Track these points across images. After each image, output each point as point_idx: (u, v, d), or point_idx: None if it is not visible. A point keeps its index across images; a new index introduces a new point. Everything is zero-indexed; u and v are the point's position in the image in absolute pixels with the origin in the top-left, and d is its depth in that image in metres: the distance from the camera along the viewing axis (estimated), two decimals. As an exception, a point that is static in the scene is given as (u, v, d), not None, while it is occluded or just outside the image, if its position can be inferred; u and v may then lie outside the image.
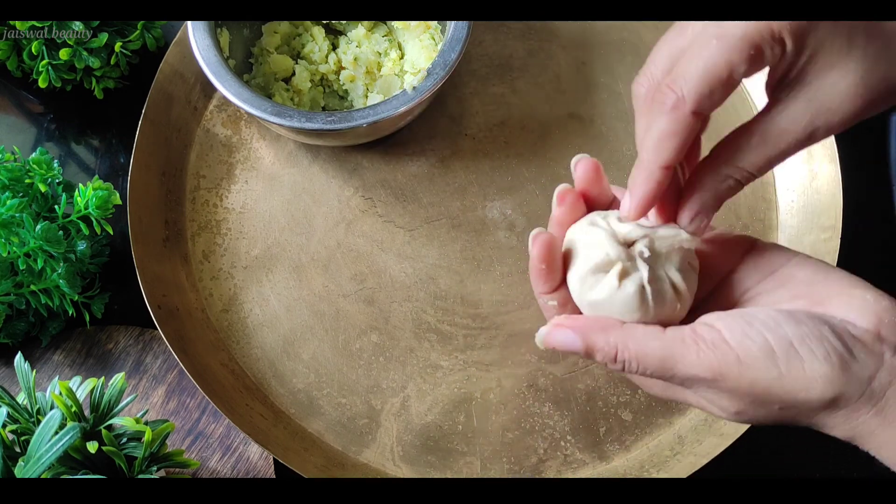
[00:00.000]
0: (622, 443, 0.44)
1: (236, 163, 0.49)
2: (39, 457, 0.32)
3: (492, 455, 0.43)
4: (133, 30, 0.49)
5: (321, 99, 0.50)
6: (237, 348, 0.46)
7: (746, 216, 0.48)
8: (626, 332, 0.27)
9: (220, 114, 0.50)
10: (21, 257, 0.41)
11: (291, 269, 0.47)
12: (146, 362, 0.45)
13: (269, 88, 0.49)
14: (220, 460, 0.43)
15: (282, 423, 0.44)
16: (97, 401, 0.36)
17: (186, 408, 0.44)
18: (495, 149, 0.49)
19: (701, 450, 0.42)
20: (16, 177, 0.42)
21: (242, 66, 0.49)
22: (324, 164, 0.49)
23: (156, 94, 0.48)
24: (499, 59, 0.51)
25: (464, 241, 0.47)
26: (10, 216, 0.41)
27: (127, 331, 0.46)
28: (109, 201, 0.42)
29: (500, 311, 0.46)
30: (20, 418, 0.35)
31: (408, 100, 0.43)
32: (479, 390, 0.44)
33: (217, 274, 0.47)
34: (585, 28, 0.52)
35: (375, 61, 0.48)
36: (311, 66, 0.49)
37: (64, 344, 0.45)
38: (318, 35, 0.49)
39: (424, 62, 0.47)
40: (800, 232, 0.47)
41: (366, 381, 0.45)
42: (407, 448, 0.44)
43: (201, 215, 0.48)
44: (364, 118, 0.42)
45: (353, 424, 0.44)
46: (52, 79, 0.47)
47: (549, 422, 0.44)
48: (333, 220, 0.48)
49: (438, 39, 0.48)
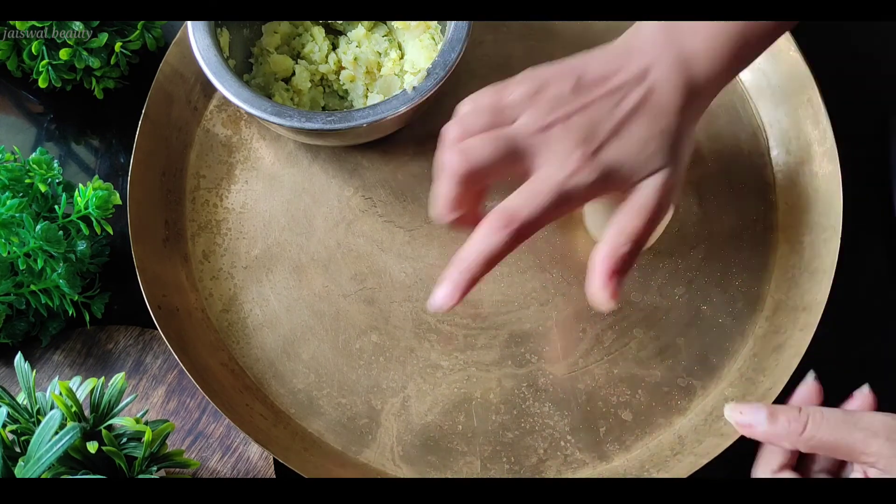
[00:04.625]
0: (622, 443, 0.44)
1: (236, 163, 0.49)
2: (39, 457, 0.32)
3: (492, 455, 0.43)
4: (133, 30, 0.49)
5: (321, 99, 0.50)
6: (237, 348, 0.46)
7: (747, 216, 0.48)
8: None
9: (221, 114, 0.50)
10: (21, 257, 0.41)
11: (291, 269, 0.47)
12: (146, 362, 0.45)
13: (269, 88, 0.49)
14: (220, 460, 0.43)
15: (282, 423, 0.44)
16: (97, 401, 0.36)
17: (186, 408, 0.44)
18: (495, 149, 0.49)
19: (701, 450, 0.42)
20: (16, 177, 0.42)
21: (242, 66, 0.49)
22: (324, 164, 0.49)
23: (156, 94, 0.48)
24: (499, 60, 0.51)
25: (464, 241, 0.47)
26: (10, 216, 0.41)
27: (127, 331, 0.46)
28: (109, 201, 0.42)
29: (500, 311, 0.46)
30: (20, 418, 0.35)
31: (408, 100, 0.43)
32: (479, 390, 0.44)
33: (217, 274, 0.47)
34: (586, 28, 0.52)
35: (375, 61, 0.48)
36: (310, 66, 0.49)
37: (64, 344, 0.45)
38: (318, 35, 0.49)
39: (424, 62, 0.47)
40: (799, 232, 0.47)
41: (366, 381, 0.45)
42: (407, 448, 0.44)
43: (201, 215, 0.48)
44: (364, 118, 0.42)
45: (354, 424, 0.44)
46: (52, 79, 0.47)
47: (550, 422, 0.44)
48: (333, 220, 0.48)
49: (438, 39, 0.48)
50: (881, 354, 0.47)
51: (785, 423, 0.35)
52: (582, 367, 0.45)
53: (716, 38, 0.34)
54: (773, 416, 0.35)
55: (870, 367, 0.46)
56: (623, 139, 0.33)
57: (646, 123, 0.33)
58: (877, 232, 0.50)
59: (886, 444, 0.32)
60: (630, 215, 0.34)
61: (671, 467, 0.42)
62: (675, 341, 0.45)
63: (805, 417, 0.34)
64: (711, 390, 0.45)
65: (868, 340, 0.47)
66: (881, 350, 0.47)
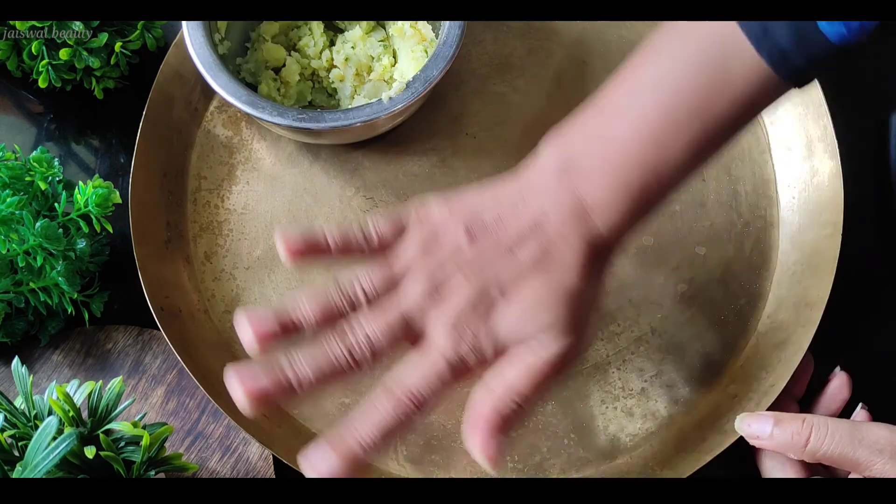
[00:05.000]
0: (625, 440, 0.43)
1: (237, 164, 0.49)
2: (36, 464, 0.31)
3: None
4: (133, 30, 0.49)
5: (309, 94, 0.49)
6: (240, 349, 0.45)
7: (748, 213, 0.48)
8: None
9: (221, 115, 0.50)
10: (20, 255, 0.41)
11: (293, 269, 0.47)
12: (145, 362, 0.45)
13: (258, 76, 0.49)
14: (220, 461, 0.43)
15: (285, 424, 0.43)
16: (95, 405, 0.35)
17: (186, 408, 0.44)
18: (496, 148, 0.49)
19: (704, 447, 0.42)
20: (16, 175, 0.42)
21: (238, 49, 0.49)
22: (325, 165, 0.49)
23: (156, 96, 0.48)
24: (499, 59, 0.51)
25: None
26: (9, 213, 0.40)
27: (126, 330, 0.45)
28: (109, 199, 0.42)
29: (502, 309, 0.46)
30: (18, 423, 0.35)
31: (382, 110, 0.43)
32: (482, 389, 0.44)
33: (219, 275, 0.47)
34: (585, 27, 0.52)
35: (366, 64, 0.48)
36: (302, 60, 0.49)
37: (63, 344, 0.45)
38: (317, 30, 0.49)
39: (411, 73, 0.47)
40: (801, 229, 0.47)
41: (369, 380, 0.44)
42: (411, 447, 0.43)
43: (203, 216, 0.48)
44: (334, 121, 0.42)
45: (356, 424, 0.44)
46: (52, 79, 0.47)
47: (553, 420, 0.44)
48: (335, 221, 0.48)
49: (431, 53, 0.48)
50: (883, 350, 0.47)
51: (789, 436, 0.35)
52: (584, 364, 0.45)
53: (614, 187, 0.30)
54: (780, 427, 0.36)
55: (871, 363, 0.46)
56: (515, 305, 0.30)
57: (542, 286, 0.30)
58: (878, 228, 0.50)
59: (891, 462, 0.33)
60: (519, 371, 0.30)
61: (674, 465, 0.42)
62: (678, 339, 0.45)
63: (808, 430, 0.35)
64: (714, 387, 0.44)
65: (869, 336, 0.47)
66: (883, 346, 0.47)
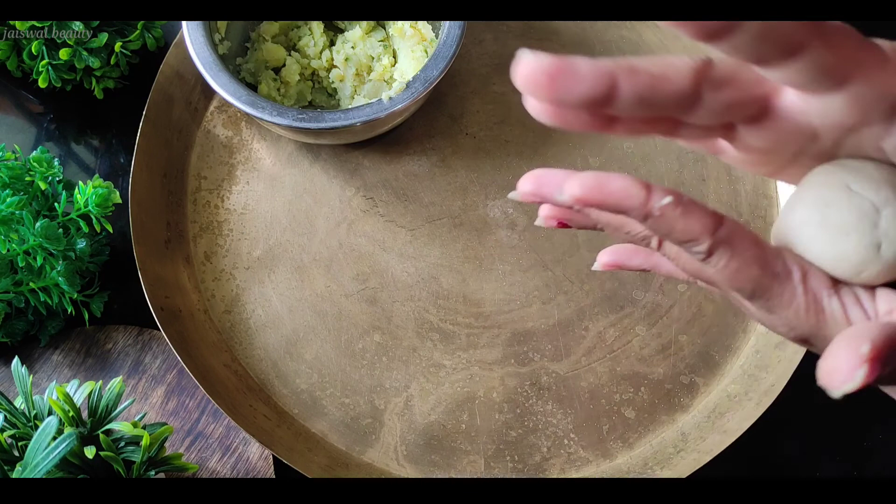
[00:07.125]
0: (625, 440, 0.44)
1: (237, 164, 0.49)
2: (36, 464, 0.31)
3: (495, 454, 0.43)
4: (133, 30, 0.49)
5: (308, 94, 0.49)
6: (240, 349, 0.45)
7: (747, 213, 0.48)
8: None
9: (221, 115, 0.50)
10: (20, 255, 0.41)
11: (293, 269, 0.47)
12: (145, 362, 0.45)
13: (258, 75, 0.49)
14: (220, 461, 0.43)
15: (285, 424, 0.43)
16: (94, 405, 0.35)
17: (186, 408, 0.44)
18: (496, 147, 0.49)
19: (704, 447, 0.42)
20: (16, 175, 0.42)
21: (238, 49, 0.49)
22: (324, 165, 0.49)
23: (156, 96, 0.48)
24: (499, 58, 0.52)
25: (465, 241, 0.47)
26: (9, 213, 0.40)
27: (126, 330, 0.45)
28: (109, 199, 0.42)
29: (502, 309, 0.46)
30: (18, 423, 0.35)
31: (382, 109, 0.43)
32: (482, 389, 0.44)
33: (219, 275, 0.47)
34: (585, 27, 0.52)
35: (366, 64, 0.48)
36: (303, 60, 0.49)
37: (63, 344, 0.45)
38: (317, 30, 0.49)
39: (411, 73, 0.47)
40: (800, 229, 0.47)
41: (369, 380, 0.44)
42: (411, 447, 0.43)
43: (203, 216, 0.48)
44: (334, 121, 0.43)
45: (357, 424, 0.44)
46: (52, 79, 0.47)
47: (553, 420, 0.44)
48: (335, 221, 0.48)
49: (431, 53, 0.48)
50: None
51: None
52: (584, 365, 0.45)
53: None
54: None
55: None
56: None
57: None
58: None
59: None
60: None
61: (674, 465, 0.42)
62: (678, 338, 0.45)
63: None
64: (714, 387, 0.45)
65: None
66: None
